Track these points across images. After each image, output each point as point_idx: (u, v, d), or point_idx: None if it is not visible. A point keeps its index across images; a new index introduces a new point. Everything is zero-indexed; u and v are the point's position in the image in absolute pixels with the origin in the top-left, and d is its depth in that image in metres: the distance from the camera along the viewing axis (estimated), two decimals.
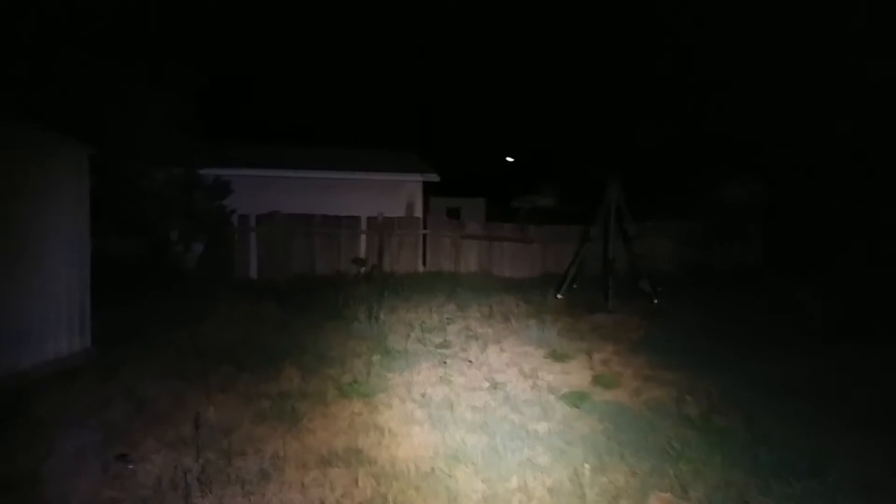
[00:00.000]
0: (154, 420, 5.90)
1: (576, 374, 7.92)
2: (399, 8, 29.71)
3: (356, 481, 4.85)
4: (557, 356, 8.66)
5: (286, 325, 10.14)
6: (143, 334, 8.91)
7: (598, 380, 7.60)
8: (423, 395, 6.94)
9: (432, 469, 5.08)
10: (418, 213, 18.17)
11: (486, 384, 7.42)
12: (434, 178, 18.66)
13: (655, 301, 12.77)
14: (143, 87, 12.31)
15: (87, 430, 5.54)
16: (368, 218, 16.40)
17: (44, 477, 4.73)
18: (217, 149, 16.28)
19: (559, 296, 13.13)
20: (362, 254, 15.95)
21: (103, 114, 11.73)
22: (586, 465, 4.96)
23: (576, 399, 6.84)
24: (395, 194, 18.10)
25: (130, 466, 4.95)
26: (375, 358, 8.01)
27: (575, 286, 13.70)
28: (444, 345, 9.30)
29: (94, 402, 6.25)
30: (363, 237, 16.36)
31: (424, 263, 16.81)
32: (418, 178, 18.47)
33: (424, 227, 17.02)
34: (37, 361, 7.05)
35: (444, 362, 8.26)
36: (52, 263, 7.45)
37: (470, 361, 8.41)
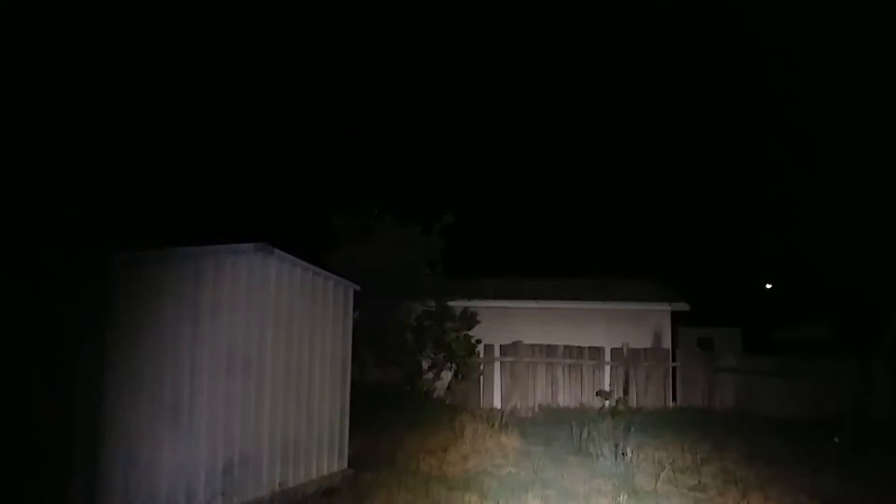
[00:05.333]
0: None
1: None
2: (638, 139, 30.00)
3: None
4: None
5: (529, 457, 10.02)
6: (394, 459, 9.29)
7: None
8: None
9: None
10: (666, 344, 17.41)
11: None
12: (683, 306, 17.90)
13: None
14: (401, 229, 13.55)
15: None
16: (613, 349, 16.03)
17: None
18: (465, 282, 17.16)
19: (837, 439, 11.57)
20: (607, 386, 15.52)
21: (365, 253, 13.01)
22: None
23: None
24: (641, 324, 17.57)
25: None
26: (622, 498, 7.57)
27: (856, 425, 11.99)
28: (699, 487, 8.56)
29: None
30: (607, 369, 15.97)
31: (674, 398, 15.91)
32: (666, 307, 17.84)
33: (673, 360, 16.24)
34: (302, 479, 7.59)
35: None
36: (320, 388, 8.16)
37: None
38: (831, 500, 7.80)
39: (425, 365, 14.00)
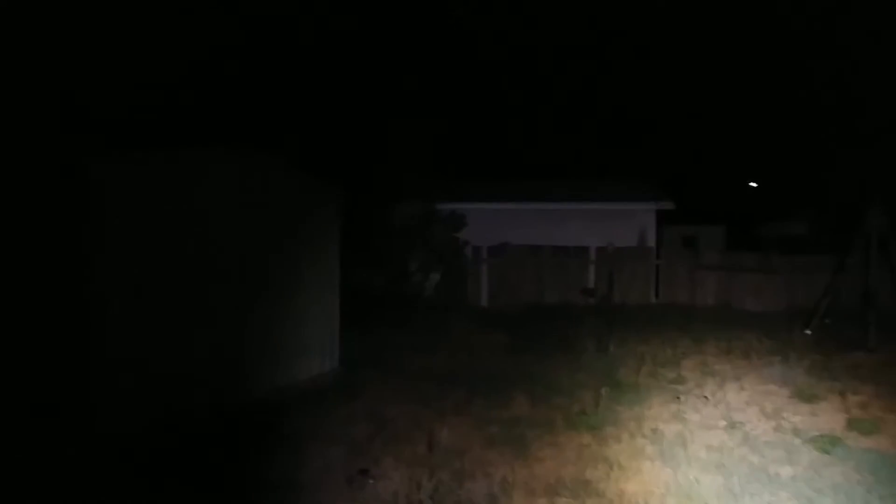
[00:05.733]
0: (393, 439, 6.31)
1: (826, 417, 7.21)
2: (627, 40, 29.33)
3: None
4: (805, 396, 7.93)
5: (516, 353, 10.36)
6: (384, 358, 9.61)
7: (853, 424, 6.85)
8: (654, 431, 6.73)
9: None
10: (651, 242, 17.67)
11: (723, 423, 7.01)
12: (668, 205, 18.06)
13: None
14: (391, 131, 13.42)
15: (333, 445, 6.08)
16: (598, 248, 16.26)
17: (295, 485, 5.27)
18: (452, 184, 17.19)
19: (808, 331, 12.02)
20: (591, 284, 15.84)
21: (353, 156, 12.96)
22: None
23: (826, 444, 6.24)
24: (627, 223, 17.77)
25: (371, 482, 5.33)
26: (605, 390, 7.90)
27: (827, 321, 12.45)
28: (678, 380, 8.93)
29: (340, 420, 6.84)
30: (592, 268, 16.25)
31: (657, 295, 16.28)
32: (651, 206, 18.00)
33: (657, 258, 16.52)
34: (292, 379, 7.87)
35: (678, 398, 7.93)
36: (308, 292, 8.32)
37: (706, 398, 7.99)
38: (800, 388, 8.20)
39: (413, 267, 14.20)
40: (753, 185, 34.87)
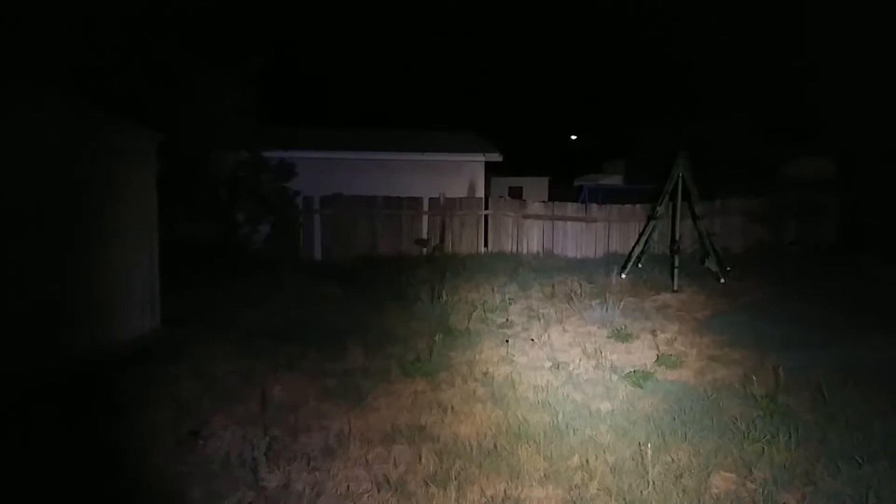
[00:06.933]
0: (223, 397, 6.08)
1: (639, 354, 7.83)
2: None
3: (419, 458, 4.92)
4: (621, 336, 8.56)
5: (350, 305, 10.32)
6: (211, 315, 9.19)
7: (662, 359, 7.48)
8: (485, 374, 6.98)
9: (494, 446, 5.12)
10: (480, 193, 18.12)
11: (549, 364, 7.41)
12: (496, 157, 18.55)
13: (722, 280, 12.46)
14: (208, 72, 12.53)
15: (159, 407, 5.76)
16: (430, 199, 16.45)
17: (119, 452, 4.94)
18: (281, 132, 16.57)
19: (623, 275, 12.93)
20: (424, 235, 16.02)
21: (170, 99, 12.02)
22: (649, 444, 4.90)
23: (639, 378, 6.77)
24: (457, 175, 18.08)
25: (201, 442, 5.11)
26: (438, 337, 8.04)
27: (640, 266, 13.48)
28: (507, 324, 9.31)
29: (165, 380, 6.48)
30: (425, 218, 16.44)
31: (486, 244, 16.80)
32: (480, 157, 18.40)
33: (486, 208, 16.98)
34: (109, 341, 7.29)
35: (507, 342, 8.26)
36: (123, 246, 7.70)
37: (532, 341, 8.39)
38: (616, 328, 8.83)
39: (241, 219, 13.60)
40: (574, 137, 36.71)
